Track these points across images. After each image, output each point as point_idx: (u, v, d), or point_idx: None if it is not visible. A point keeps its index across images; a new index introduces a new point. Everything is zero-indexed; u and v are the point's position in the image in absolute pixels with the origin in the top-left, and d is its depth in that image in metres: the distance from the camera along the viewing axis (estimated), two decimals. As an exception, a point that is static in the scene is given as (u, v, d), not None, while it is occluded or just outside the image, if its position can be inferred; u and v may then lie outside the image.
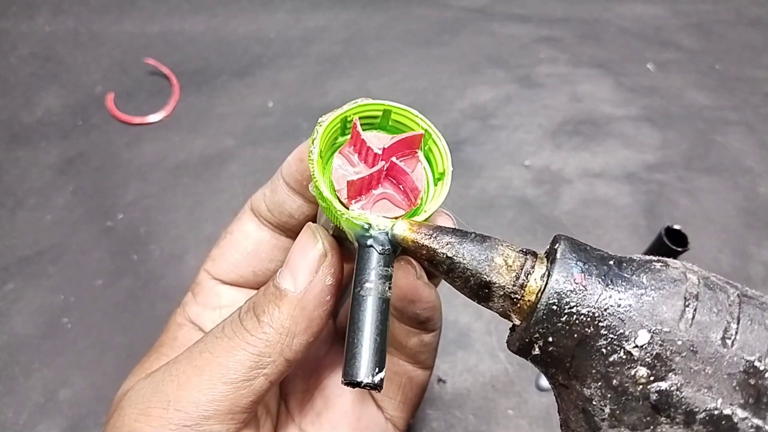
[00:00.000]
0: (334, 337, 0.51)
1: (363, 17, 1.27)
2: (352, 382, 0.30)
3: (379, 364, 0.31)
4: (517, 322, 0.31)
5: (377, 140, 0.36)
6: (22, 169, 0.95)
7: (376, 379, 0.30)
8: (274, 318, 0.35)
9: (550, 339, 0.28)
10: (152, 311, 0.78)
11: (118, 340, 0.75)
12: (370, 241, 0.33)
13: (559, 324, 0.28)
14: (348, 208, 0.34)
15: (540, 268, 0.30)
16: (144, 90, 1.08)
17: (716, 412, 0.26)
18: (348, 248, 0.39)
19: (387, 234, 0.33)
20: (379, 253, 0.33)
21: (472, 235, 0.31)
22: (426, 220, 0.35)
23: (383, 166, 0.34)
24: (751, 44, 1.24)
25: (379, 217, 0.34)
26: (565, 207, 0.91)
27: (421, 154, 0.37)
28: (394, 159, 0.35)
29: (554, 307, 0.28)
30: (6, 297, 0.79)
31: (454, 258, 0.30)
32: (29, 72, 1.11)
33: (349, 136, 0.36)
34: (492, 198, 0.92)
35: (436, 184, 0.37)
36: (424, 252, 0.31)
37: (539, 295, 0.29)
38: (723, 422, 0.26)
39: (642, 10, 1.32)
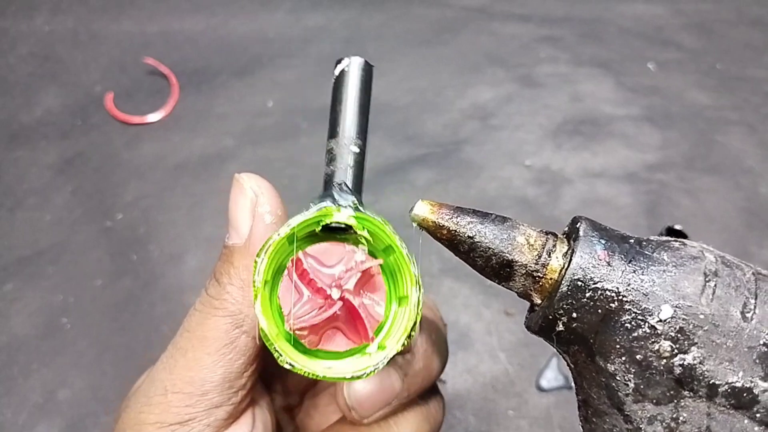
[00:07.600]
0: None
1: (363, 17, 1.27)
2: None
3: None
4: (538, 302, 0.31)
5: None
6: (21, 169, 0.95)
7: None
8: (232, 275, 0.36)
9: (575, 315, 0.29)
10: (151, 311, 0.78)
11: (118, 340, 0.75)
12: None
13: (584, 299, 0.29)
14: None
15: (561, 247, 0.31)
16: (143, 90, 1.08)
17: (738, 385, 0.27)
18: None
19: None
20: None
21: (492, 215, 0.32)
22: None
23: (337, 308, 0.31)
24: (752, 44, 1.24)
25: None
26: (565, 207, 0.91)
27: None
28: (348, 296, 0.31)
29: (579, 283, 0.29)
30: (5, 297, 0.79)
31: (475, 237, 0.31)
32: (28, 72, 1.10)
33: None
34: (492, 198, 0.92)
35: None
36: (445, 233, 0.31)
37: (563, 272, 0.30)
38: (744, 395, 0.27)
39: (643, 9, 1.32)
